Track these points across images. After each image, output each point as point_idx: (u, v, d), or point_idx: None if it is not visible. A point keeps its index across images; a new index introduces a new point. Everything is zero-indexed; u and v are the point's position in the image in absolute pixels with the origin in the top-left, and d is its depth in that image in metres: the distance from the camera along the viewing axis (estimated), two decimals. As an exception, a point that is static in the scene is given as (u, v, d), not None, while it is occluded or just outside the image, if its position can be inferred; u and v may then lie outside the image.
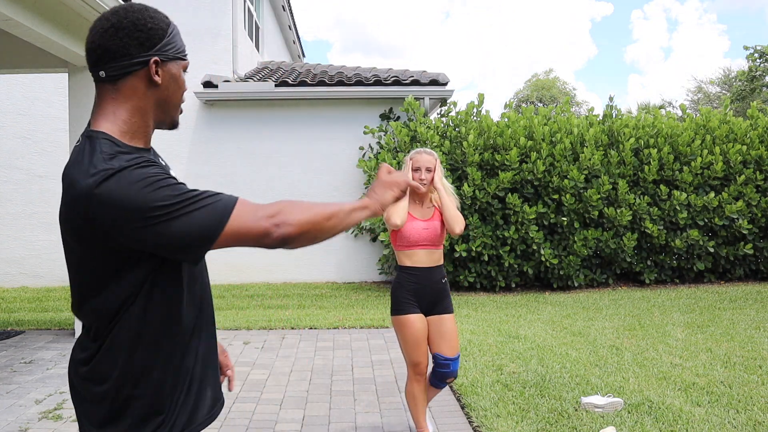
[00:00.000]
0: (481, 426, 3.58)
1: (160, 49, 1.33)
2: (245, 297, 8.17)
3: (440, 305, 3.19)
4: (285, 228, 1.28)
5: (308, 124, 9.37)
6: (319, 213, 1.31)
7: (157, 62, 1.32)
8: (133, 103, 1.33)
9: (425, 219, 3.19)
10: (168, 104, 1.39)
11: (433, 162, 3.17)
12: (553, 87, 39.34)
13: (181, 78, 1.40)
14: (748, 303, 7.19)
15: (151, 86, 1.34)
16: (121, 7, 1.33)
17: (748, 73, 21.63)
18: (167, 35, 1.35)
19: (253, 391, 4.35)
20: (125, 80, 1.31)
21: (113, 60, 1.30)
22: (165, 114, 1.40)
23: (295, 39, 16.91)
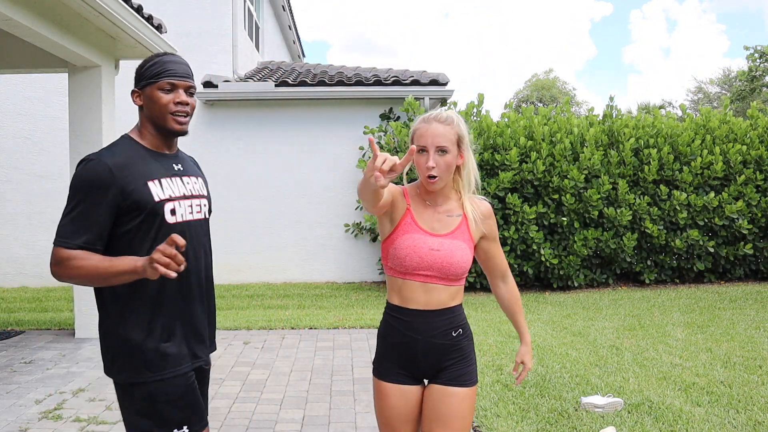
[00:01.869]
0: (481, 426, 3.58)
1: (137, 81, 1.91)
2: (245, 297, 8.17)
3: (450, 371, 1.98)
4: (58, 277, 1.78)
5: (308, 124, 9.37)
6: (86, 276, 1.76)
7: (136, 92, 1.91)
8: (141, 120, 1.95)
9: (440, 234, 1.97)
10: (153, 117, 1.90)
11: (449, 135, 1.92)
12: (553, 87, 39.36)
13: (154, 95, 1.86)
14: (748, 303, 7.19)
15: (141, 109, 1.93)
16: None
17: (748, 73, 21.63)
18: (142, 69, 1.89)
19: (253, 391, 4.35)
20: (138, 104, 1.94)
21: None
22: (156, 124, 1.90)
23: (295, 39, 16.91)
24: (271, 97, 9.09)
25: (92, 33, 5.40)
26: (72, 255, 1.74)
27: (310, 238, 9.35)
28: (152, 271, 1.61)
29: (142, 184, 1.81)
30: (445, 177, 1.93)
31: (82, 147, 5.77)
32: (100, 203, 1.75)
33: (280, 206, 9.36)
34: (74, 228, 1.75)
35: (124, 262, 1.71)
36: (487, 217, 2.04)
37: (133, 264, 1.69)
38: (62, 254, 1.75)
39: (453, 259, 1.93)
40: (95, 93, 5.76)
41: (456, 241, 1.96)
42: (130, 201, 1.78)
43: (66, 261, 1.74)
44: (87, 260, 1.73)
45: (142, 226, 1.81)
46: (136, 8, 5.37)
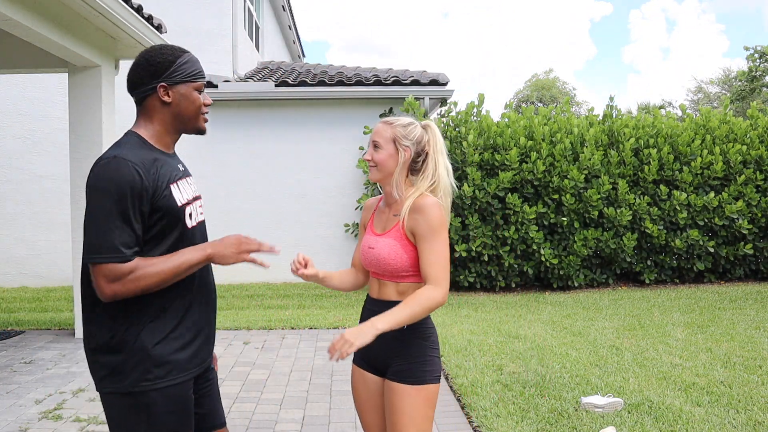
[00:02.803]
0: (481, 426, 3.58)
1: (167, 76, 1.77)
2: (245, 297, 8.18)
3: (395, 367, 1.99)
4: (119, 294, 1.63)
5: (308, 124, 9.37)
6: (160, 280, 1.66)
7: (164, 87, 1.77)
8: (156, 117, 1.80)
9: (378, 233, 2.09)
10: (183, 116, 1.82)
11: (385, 133, 2.04)
12: (553, 87, 39.37)
13: (191, 95, 1.80)
14: (748, 303, 7.19)
15: (164, 105, 1.79)
16: (145, 50, 1.81)
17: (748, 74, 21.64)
18: (173, 65, 1.77)
19: (253, 391, 4.35)
20: (146, 101, 1.79)
21: (136, 88, 1.79)
22: (184, 123, 1.83)
23: (295, 39, 16.92)
24: (271, 97, 9.09)
25: (92, 33, 5.40)
26: (132, 267, 1.61)
27: (310, 238, 9.35)
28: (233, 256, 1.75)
29: (166, 187, 1.72)
30: (379, 170, 2.05)
31: (82, 147, 5.78)
32: (134, 205, 1.63)
33: (280, 206, 9.36)
34: (121, 236, 1.60)
35: (194, 256, 1.70)
36: (414, 212, 1.97)
37: (204, 254, 1.71)
38: (120, 269, 1.60)
39: (381, 256, 2.01)
40: (95, 93, 5.76)
41: (387, 239, 2.02)
42: (157, 205, 1.69)
43: (127, 275, 1.61)
44: (150, 267, 1.63)
45: (165, 231, 1.73)
46: (136, 8, 5.37)
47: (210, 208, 9.27)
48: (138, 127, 1.81)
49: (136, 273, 1.62)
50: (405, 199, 2.03)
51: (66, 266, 8.97)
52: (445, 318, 6.56)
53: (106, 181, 1.62)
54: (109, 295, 1.61)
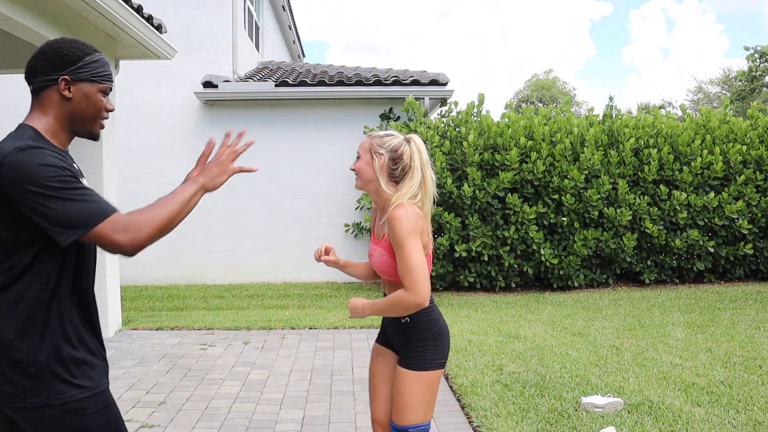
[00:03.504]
0: (481, 426, 3.58)
1: (73, 70, 1.66)
2: (245, 297, 8.18)
3: (402, 354, 2.29)
4: (136, 242, 1.52)
5: (308, 124, 9.38)
6: (164, 219, 1.57)
7: (66, 80, 1.66)
8: (52, 111, 1.68)
9: (376, 241, 2.31)
10: (80, 116, 1.70)
11: (364, 144, 2.27)
12: (553, 87, 39.38)
13: (94, 97, 1.70)
14: (748, 303, 7.20)
15: (64, 100, 1.67)
16: (55, 39, 1.71)
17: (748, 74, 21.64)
18: (81, 61, 1.68)
19: (253, 391, 4.35)
20: (44, 92, 1.67)
21: (35, 76, 1.67)
22: (79, 124, 1.72)
23: (295, 39, 16.92)
24: (271, 97, 9.10)
25: (92, 33, 5.40)
26: (130, 215, 1.53)
27: (310, 238, 9.35)
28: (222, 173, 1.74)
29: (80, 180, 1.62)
30: (359, 177, 2.27)
31: (81, 147, 5.78)
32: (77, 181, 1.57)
33: (280, 206, 9.36)
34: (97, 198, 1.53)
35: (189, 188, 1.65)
36: (387, 224, 2.16)
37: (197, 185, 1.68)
38: (124, 219, 1.52)
39: (376, 263, 2.27)
40: (95, 93, 5.75)
41: (379, 248, 2.25)
42: None
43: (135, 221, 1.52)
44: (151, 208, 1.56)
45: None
46: (136, 8, 5.37)
47: (210, 208, 9.28)
48: (32, 120, 1.68)
49: (141, 216, 1.53)
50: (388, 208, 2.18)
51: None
52: (445, 318, 6.55)
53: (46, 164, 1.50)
54: (134, 245, 1.51)
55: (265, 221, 9.34)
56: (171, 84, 9.20)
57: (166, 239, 9.63)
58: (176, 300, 7.93)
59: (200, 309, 7.45)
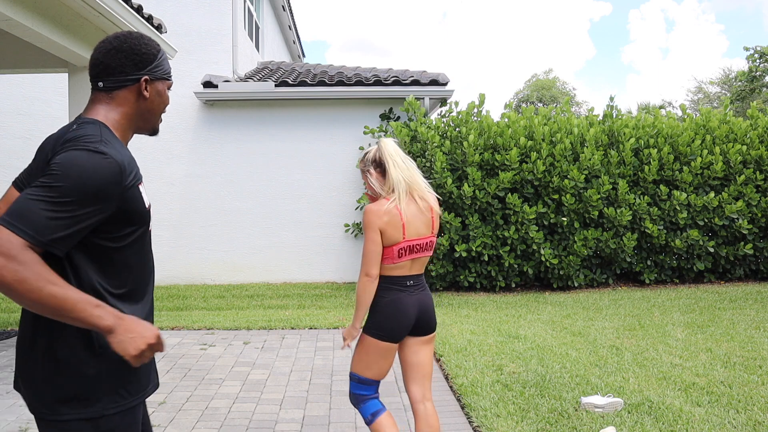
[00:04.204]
0: (481, 426, 3.58)
1: (151, 70, 1.66)
2: (245, 297, 8.17)
3: None
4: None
5: (308, 124, 9.37)
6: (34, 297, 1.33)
7: (147, 80, 1.65)
8: (123, 110, 1.64)
9: None
10: (151, 114, 1.71)
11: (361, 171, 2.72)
12: (553, 87, 39.37)
13: (165, 94, 1.72)
14: (748, 303, 7.19)
15: (140, 98, 1.66)
16: (122, 34, 1.66)
17: (748, 74, 21.62)
18: (156, 59, 1.67)
19: (253, 391, 4.35)
20: (119, 91, 1.63)
21: (112, 75, 1.62)
22: (146, 122, 1.71)
23: (295, 39, 16.92)
24: (271, 97, 9.09)
25: (92, 33, 5.40)
26: (31, 258, 1.32)
27: (310, 238, 9.35)
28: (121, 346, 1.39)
29: (137, 188, 1.56)
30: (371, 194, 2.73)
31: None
32: (97, 214, 1.44)
33: (280, 206, 9.36)
34: (56, 230, 1.36)
35: (99, 314, 1.37)
36: None
37: (107, 323, 1.38)
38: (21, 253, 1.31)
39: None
40: (95, 93, 5.75)
41: None
42: (126, 209, 1.52)
43: (19, 264, 1.30)
44: (52, 284, 1.33)
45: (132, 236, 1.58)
46: (136, 8, 5.37)
47: (210, 208, 9.28)
48: (99, 116, 1.61)
49: (25, 270, 1.30)
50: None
51: (66, 266, 8.96)
52: (445, 318, 6.56)
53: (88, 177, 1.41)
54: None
55: (265, 221, 9.34)
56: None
57: (166, 239, 9.62)
58: (176, 300, 7.93)
59: (200, 309, 7.45)
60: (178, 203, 9.24)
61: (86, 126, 1.54)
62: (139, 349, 1.39)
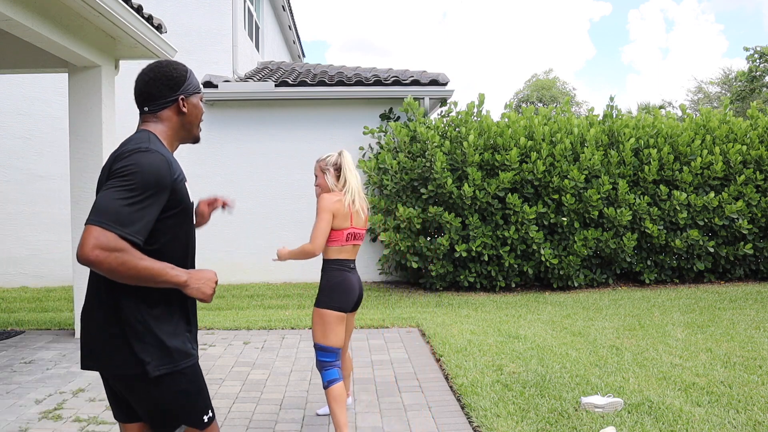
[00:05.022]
0: (481, 426, 3.58)
1: (184, 89, 2.00)
2: (245, 297, 8.17)
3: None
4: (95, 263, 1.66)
5: (308, 124, 9.37)
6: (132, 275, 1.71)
7: (183, 98, 2.00)
8: (168, 125, 2.00)
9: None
10: (192, 125, 2.05)
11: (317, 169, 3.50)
12: (553, 87, 39.37)
13: (199, 106, 2.06)
14: (748, 303, 7.19)
15: (180, 114, 2.01)
16: (155, 64, 2.00)
17: (748, 74, 21.62)
18: (187, 79, 2.01)
19: (253, 391, 4.35)
20: (163, 111, 1.98)
21: (154, 100, 1.97)
22: (188, 132, 2.06)
23: (295, 39, 16.92)
24: (271, 97, 9.10)
25: (92, 33, 5.40)
26: (126, 247, 1.68)
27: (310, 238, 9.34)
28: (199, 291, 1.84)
29: (184, 184, 1.89)
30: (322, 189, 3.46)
31: (82, 147, 5.78)
32: (159, 200, 1.77)
33: (281, 206, 9.36)
34: (134, 219, 1.70)
35: (176, 273, 1.78)
36: None
37: (183, 279, 1.80)
38: (116, 243, 1.66)
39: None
40: (95, 93, 5.76)
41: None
42: (176, 199, 1.84)
43: (119, 251, 1.66)
44: (141, 259, 1.71)
45: (180, 224, 1.90)
46: (136, 8, 5.37)
47: (210, 208, 9.28)
48: (148, 128, 1.97)
49: (125, 256, 1.67)
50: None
51: (66, 266, 8.97)
52: (445, 318, 6.56)
53: (145, 168, 1.74)
54: (91, 258, 1.63)
55: (265, 221, 9.34)
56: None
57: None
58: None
59: (200, 309, 7.45)
60: (178, 203, 9.24)
61: (135, 136, 1.88)
62: (212, 288, 1.87)
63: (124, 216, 1.68)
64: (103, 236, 1.65)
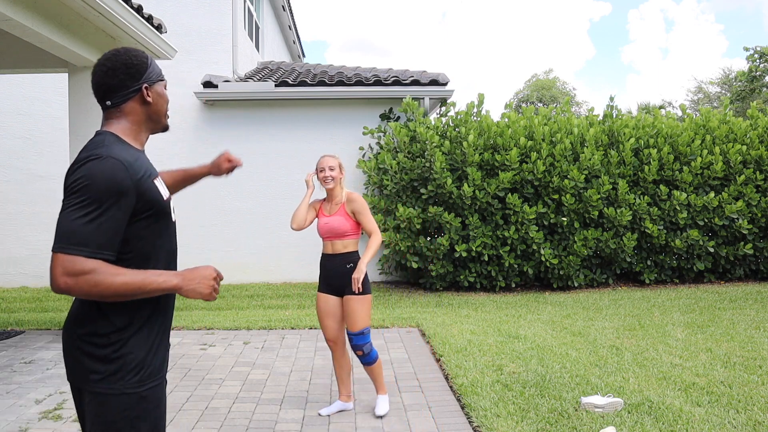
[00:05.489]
0: (481, 426, 3.58)
1: (146, 77, 1.82)
2: (245, 297, 8.17)
3: (348, 288, 3.71)
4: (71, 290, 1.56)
5: (308, 124, 9.37)
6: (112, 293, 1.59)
7: (146, 87, 1.81)
8: (133, 118, 1.82)
9: (329, 215, 3.79)
10: (159, 115, 1.87)
11: (334, 162, 3.76)
12: (553, 87, 39.37)
13: (164, 93, 1.88)
14: (748, 303, 7.19)
15: (145, 104, 1.83)
16: (111, 53, 1.82)
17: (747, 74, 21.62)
18: (149, 66, 1.83)
19: (253, 391, 4.35)
20: (126, 104, 1.80)
21: (116, 92, 1.78)
22: (156, 122, 1.88)
23: (295, 39, 16.91)
24: (271, 97, 9.09)
25: (92, 33, 5.40)
26: (95, 267, 1.55)
27: (310, 238, 9.29)
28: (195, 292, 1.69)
29: (152, 182, 1.73)
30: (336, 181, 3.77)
31: (81, 147, 5.78)
32: (121, 208, 1.61)
33: (281, 206, 9.36)
34: (96, 235, 1.56)
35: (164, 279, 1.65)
36: (351, 201, 3.77)
37: (174, 282, 1.66)
38: (82, 265, 1.54)
39: (335, 225, 3.74)
40: (95, 93, 5.75)
41: (338, 216, 3.76)
42: (145, 200, 1.69)
43: (87, 274, 1.54)
44: (116, 275, 1.58)
45: (153, 225, 1.74)
46: (136, 8, 5.37)
47: (210, 208, 9.28)
48: (111, 127, 1.79)
49: (95, 276, 1.55)
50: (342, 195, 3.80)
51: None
52: (445, 318, 6.56)
53: (97, 178, 1.59)
54: (61, 287, 1.54)
55: (265, 221, 9.33)
56: (171, 84, 9.16)
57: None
58: (176, 300, 7.94)
59: (200, 309, 7.45)
60: (178, 203, 9.21)
61: (90, 142, 1.73)
62: (210, 286, 1.72)
63: (85, 235, 1.55)
64: (68, 262, 1.54)
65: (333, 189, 3.75)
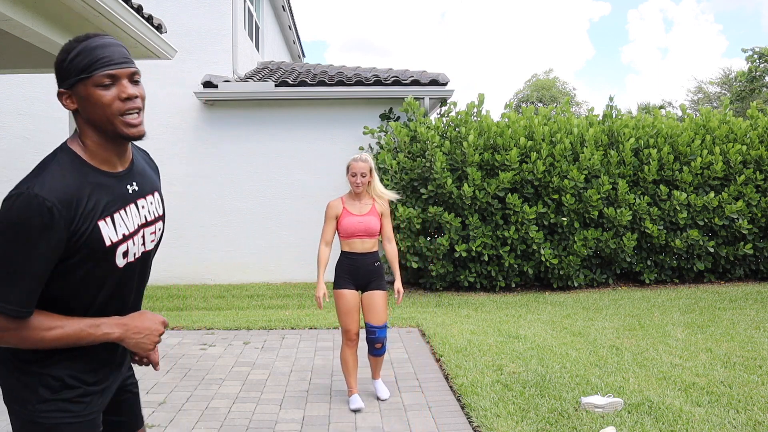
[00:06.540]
0: (481, 426, 3.58)
1: (63, 79, 1.44)
2: (245, 297, 8.17)
3: (373, 283, 3.97)
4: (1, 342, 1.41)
5: (308, 124, 9.37)
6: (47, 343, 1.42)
7: (63, 93, 1.44)
8: (81, 130, 1.48)
9: (361, 214, 3.95)
10: (96, 122, 1.44)
11: (366, 168, 3.95)
12: (553, 87, 39.38)
13: (93, 95, 1.41)
14: (748, 303, 7.19)
15: (76, 114, 1.46)
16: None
17: (747, 74, 21.62)
18: (65, 63, 1.42)
19: (253, 391, 4.35)
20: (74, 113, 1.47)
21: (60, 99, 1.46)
22: (103, 131, 1.45)
23: (295, 39, 16.92)
24: (271, 97, 9.09)
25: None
26: (19, 324, 1.38)
27: (310, 238, 9.34)
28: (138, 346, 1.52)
29: (92, 225, 1.43)
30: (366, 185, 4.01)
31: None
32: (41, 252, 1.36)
33: (280, 206, 9.36)
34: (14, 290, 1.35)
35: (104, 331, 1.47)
36: (382, 203, 4.04)
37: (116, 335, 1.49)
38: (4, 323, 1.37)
39: (369, 225, 3.94)
40: (95, 93, 5.74)
41: (369, 217, 3.96)
42: (78, 245, 1.42)
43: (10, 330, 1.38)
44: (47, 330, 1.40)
45: (88, 270, 1.47)
46: (136, 8, 5.37)
47: (210, 208, 9.28)
48: (73, 141, 1.49)
49: (21, 332, 1.39)
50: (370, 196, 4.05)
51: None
52: (445, 318, 6.56)
53: (10, 223, 1.33)
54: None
55: (265, 221, 9.33)
56: (171, 84, 9.19)
57: (166, 239, 9.55)
58: (176, 300, 7.93)
59: (200, 309, 7.45)
60: (178, 203, 9.23)
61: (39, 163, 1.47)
62: (154, 343, 1.55)
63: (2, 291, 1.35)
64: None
65: (361, 193, 4.00)
